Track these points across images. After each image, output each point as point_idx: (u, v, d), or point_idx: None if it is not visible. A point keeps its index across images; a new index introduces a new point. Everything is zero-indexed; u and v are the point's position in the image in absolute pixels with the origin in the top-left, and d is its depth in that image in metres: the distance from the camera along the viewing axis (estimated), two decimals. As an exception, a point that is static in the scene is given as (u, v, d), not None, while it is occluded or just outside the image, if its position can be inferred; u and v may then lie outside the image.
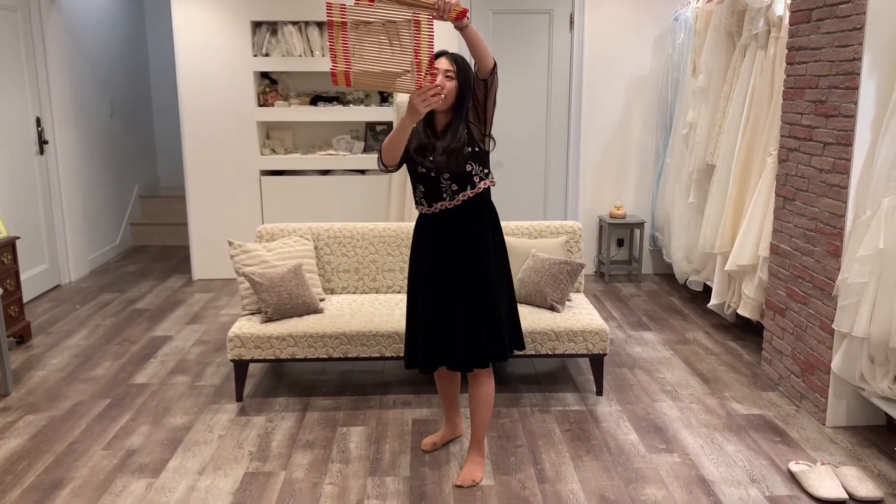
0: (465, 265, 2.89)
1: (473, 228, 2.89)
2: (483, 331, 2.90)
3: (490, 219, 2.95)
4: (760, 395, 3.82)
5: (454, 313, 2.90)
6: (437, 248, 2.92)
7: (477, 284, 2.89)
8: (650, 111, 6.02)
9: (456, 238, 2.89)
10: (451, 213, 2.88)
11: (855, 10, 3.18)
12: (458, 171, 2.82)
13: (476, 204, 2.89)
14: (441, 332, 2.93)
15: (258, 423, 3.53)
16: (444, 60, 2.80)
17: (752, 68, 4.37)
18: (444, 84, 2.75)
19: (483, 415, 3.04)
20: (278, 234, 4.16)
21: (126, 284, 5.98)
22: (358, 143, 6.10)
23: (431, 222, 2.93)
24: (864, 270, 3.08)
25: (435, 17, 2.64)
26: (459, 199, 2.86)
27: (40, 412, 3.65)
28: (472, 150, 2.84)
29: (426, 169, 2.85)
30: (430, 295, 2.94)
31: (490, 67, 2.75)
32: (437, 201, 2.88)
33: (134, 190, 7.50)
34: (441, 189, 2.86)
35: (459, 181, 2.84)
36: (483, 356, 2.93)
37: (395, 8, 2.64)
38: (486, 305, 2.90)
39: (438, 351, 2.95)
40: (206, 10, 5.77)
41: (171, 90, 6.46)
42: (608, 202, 6.13)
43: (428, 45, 2.66)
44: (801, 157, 3.64)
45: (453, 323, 2.90)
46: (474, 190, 2.87)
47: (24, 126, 5.55)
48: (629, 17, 5.87)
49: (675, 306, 5.34)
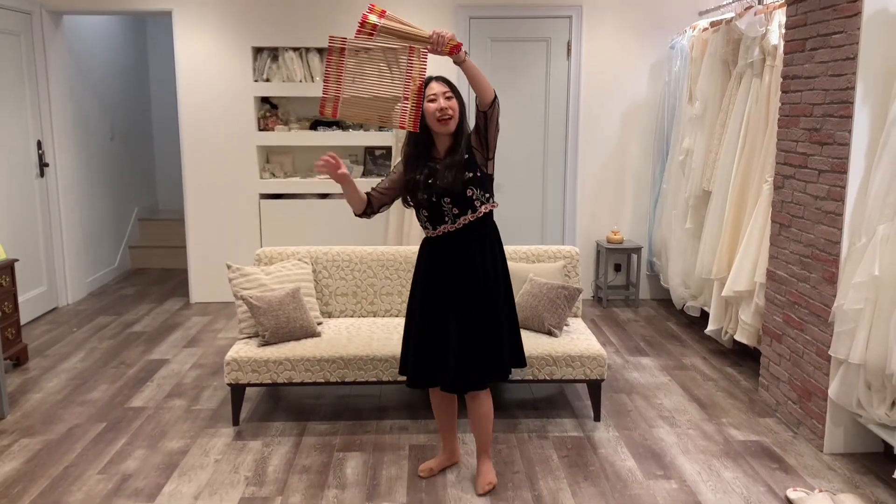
0: (464, 286, 2.93)
1: (474, 250, 2.93)
2: (480, 353, 2.93)
3: (492, 241, 2.99)
4: (758, 421, 3.81)
5: (449, 334, 2.93)
6: (437, 268, 2.98)
7: (476, 306, 2.92)
8: (647, 137, 6.06)
9: (456, 259, 2.94)
10: (453, 235, 2.93)
11: (848, 40, 3.23)
12: (457, 193, 2.87)
13: (478, 227, 2.93)
14: (435, 352, 2.96)
15: (255, 448, 3.51)
16: (436, 85, 2.87)
17: (747, 96, 4.42)
18: (451, 105, 2.84)
19: (486, 431, 3.11)
20: (277, 257, 4.17)
21: (124, 307, 5.98)
22: (357, 167, 6.13)
23: (435, 243, 2.99)
24: (860, 297, 3.09)
25: (430, 50, 2.73)
26: (460, 223, 2.91)
27: (35, 436, 3.64)
28: (474, 174, 2.89)
29: (427, 194, 2.90)
30: (426, 312, 3.00)
31: (490, 99, 2.82)
32: (440, 224, 2.94)
33: (133, 213, 7.52)
34: (443, 213, 2.91)
35: (460, 205, 2.89)
36: (480, 378, 2.96)
37: (393, 41, 2.73)
38: (485, 327, 2.93)
39: (432, 369, 2.99)
40: (208, 35, 5.83)
41: (171, 114, 6.50)
42: (605, 227, 6.16)
43: (420, 76, 2.75)
44: (797, 184, 3.67)
45: (448, 344, 2.93)
46: (475, 214, 2.91)
47: (25, 149, 5.58)
48: (626, 45, 5.94)
49: (672, 332, 5.34)
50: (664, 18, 5.89)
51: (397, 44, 2.74)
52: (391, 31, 2.73)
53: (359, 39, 2.73)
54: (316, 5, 5.81)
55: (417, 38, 2.74)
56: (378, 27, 2.72)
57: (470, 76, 2.77)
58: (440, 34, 2.70)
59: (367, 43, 2.74)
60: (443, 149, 2.93)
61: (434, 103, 2.84)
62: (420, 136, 2.91)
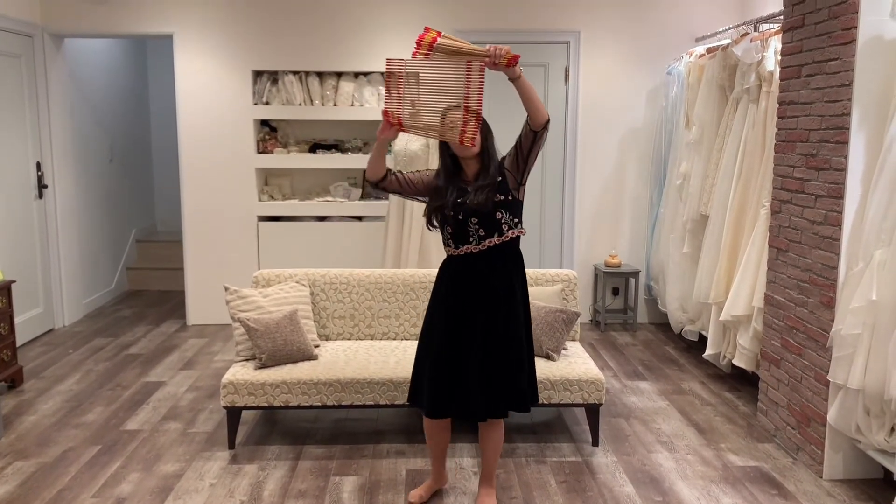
0: (486, 311, 2.90)
1: (497, 275, 2.91)
2: (502, 380, 2.90)
3: (517, 267, 2.96)
4: (757, 446, 3.79)
5: (470, 360, 2.89)
6: (459, 291, 2.94)
7: (498, 331, 2.89)
8: (644, 162, 6.10)
9: (478, 282, 2.91)
10: (476, 257, 2.90)
11: (843, 66, 3.26)
12: (486, 215, 2.85)
13: (503, 251, 2.91)
14: (455, 379, 2.90)
15: (250, 472, 3.48)
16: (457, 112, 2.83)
17: (744, 121, 4.45)
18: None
19: (495, 455, 3.11)
20: (274, 279, 4.17)
21: (120, 329, 5.95)
22: (355, 189, 6.15)
23: (457, 265, 2.95)
24: (858, 322, 3.09)
25: (487, 64, 2.71)
26: (485, 245, 2.89)
27: (30, 458, 3.61)
28: (506, 198, 2.88)
29: (454, 211, 2.87)
30: (446, 337, 2.93)
31: (544, 121, 2.82)
32: (463, 244, 2.91)
33: (131, 234, 7.52)
34: (468, 233, 2.89)
35: (487, 227, 2.87)
36: (503, 405, 2.94)
37: (450, 57, 2.73)
38: (512, 355, 2.91)
39: (452, 397, 2.92)
40: (209, 59, 5.88)
41: (171, 136, 6.53)
42: (603, 251, 6.17)
43: (478, 88, 2.74)
44: (794, 209, 3.68)
45: (470, 370, 2.89)
46: (502, 237, 2.89)
47: (24, 170, 5.59)
48: (623, 70, 5.99)
49: (670, 356, 5.33)
50: (661, 44, 5.94)
51: (454, 60, 2.74)
52: (447, 49, 2.73)
53: (416, 59, 2.74)
54: (316, 30, 5.86)
55: (474, 54, 2.73)
56: (435, 44, 2.71)
57: (523, 94, 2.77)
58: (497, 47, 2.69)
59: (424, 63, 2.74)
60: (471, 173, 2.93)
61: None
62: (448, 163, 2.92)
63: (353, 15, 5.87)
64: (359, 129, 6.20)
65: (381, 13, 5.88)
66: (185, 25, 5.84)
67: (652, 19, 5.93)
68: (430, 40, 2.72)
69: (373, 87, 5.96)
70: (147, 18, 5.82)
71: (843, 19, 3.25)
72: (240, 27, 5.86)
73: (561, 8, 5.90)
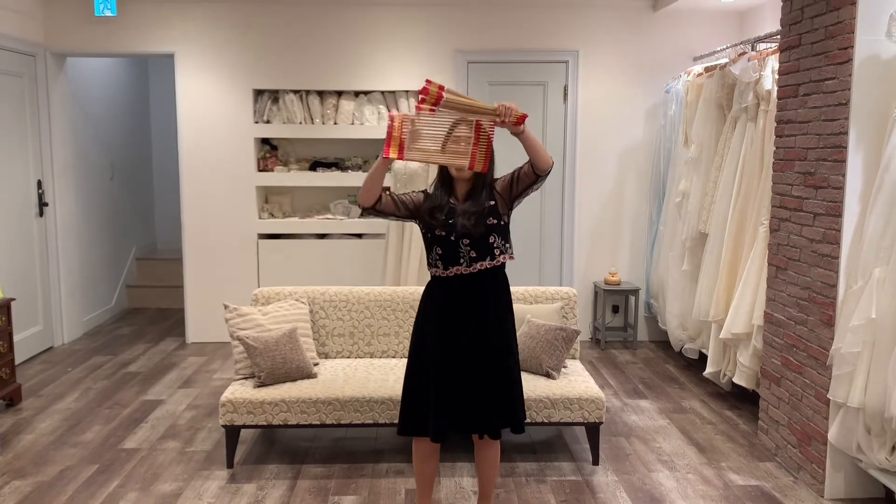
0: (481, 334, 2.89)
1: (486, 297, 2.90)
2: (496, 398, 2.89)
3: (502, 290, 2.95)
4: (758, 465, 3.78)
5: (464, 380, 2.88)
6: (452, 314, 2.91)
7: (495, 355, 2.88)
8: (643, 180, 6.12)
9: (468, 304, 2.89)
10: (465, 279, 2.88)
11: (840, 86, 3.28)
12: (479, 237, 2.84)
13: (491, 275, 2.90)
14: (453, 398, 2.89)
15: (249, 491, 3.46)
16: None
17: (742, 140, 4.47)
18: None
19: (493, 474, 3.08)
20: (274, 297, 4.16)
21: (119, 347, 5.94)
22: (355, 207, 6.17)
23: (447, 287, 2.92)
24: (858, 340, 3.09)
25: (496, 122, 2.68)
26: (476, 268, 2.87)
27: (27, 477, 3.59)
28: (498, 222, 2.88)
29: (446, 232, 2.86)
30: (440, 359, 2.91)
31: (548, 168, 2.82)
32: (453, 265, 2.89)
33: (131, 252, 7.53)
34: (459, 254, 2.87)
35: (479, 249, 2.86)
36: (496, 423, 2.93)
37: (457, 115, 2.69)
38: (498, 375, 2.89)
39: (451, 417, 2.90)
40: (210, 78, 5.91)
41: (171, 154, 6.56)
42: (603, 268, 6.17)
43: (487, 137, 2.72)
44: (793, 227, 3.69)
45: (466, 390, 2.88)
46: (493, 262, 2.88)
47: (25, 188, 5.61)
48: (622, 89, 6.02)
49: (670, 374, 5.32)
50: (659, 63, 5.98)
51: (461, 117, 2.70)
52: (454, 104, 2.67)
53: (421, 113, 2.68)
54: (316, 49, 5.91)
55: (481, 112, 2.69)
56: (441, 101, 2.64)
57: (529, 147, 2.77)
58: (506, 106, 2.66)
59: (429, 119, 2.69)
60: (461, 192, 2.91)
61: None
62: (444, 179, 2.92)
63: (353, 34, 5.91)
64: (359, 148, 6.23)
65: (381, 33, 5.92)
66: (186, 45, 5.88)
67: (650, 38, 5.97)
68: (435, 95, 2.62)
69: (373, 105, 6.00)
70: (148, 38, 5.87)
71: (840, 39, 3.28)
72: (241, 46, 5.90)
73: (559, 27, 5.95)
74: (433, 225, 2.88)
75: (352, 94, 6.03)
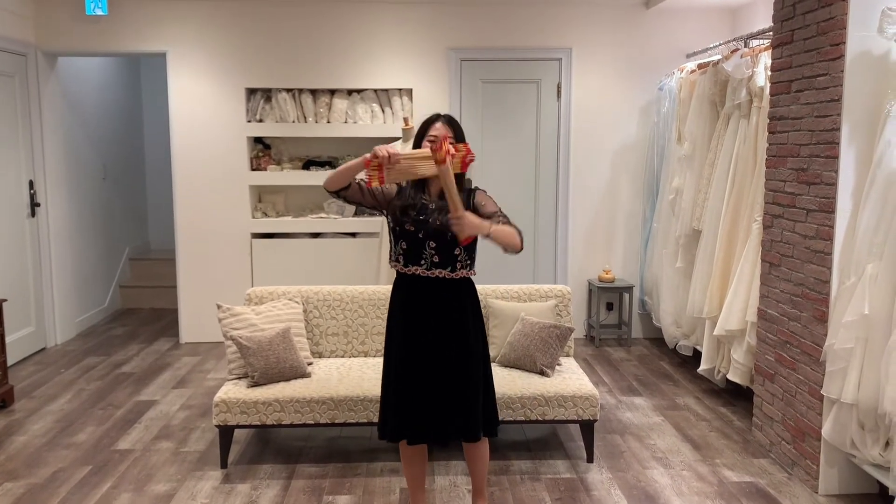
0: (441, 337, 2.86)
1: (445, 302, 2.87)
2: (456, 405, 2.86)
3: (469, 297, 2.92)
4: (752, 461, 3.78)
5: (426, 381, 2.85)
6: (414, 312, 2.89)
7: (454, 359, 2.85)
8: (637, 177, 6.12)
9: (434, 306, 2.87)
10: (423, 281, 2.86)
11: (832, 82, 3.28)
12: (445, 244, 2.81)
13: (454, 285, 2.88)
14: (413, 400, 2.87)
15: (243, 491, 3.45)
16: (440, 126, 2.83)
17: (735, 136, 4.47)
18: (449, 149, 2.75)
19: (482, 470, 3.07)
20: (267, 297, 4.15)
21: (113, 347, 5.92)
22: (349, 206, 6.15)
23: (407, 285, 2.90)
24: (850, 336, 3.09)
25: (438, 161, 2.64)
26: (434, 273, 2.85)
27: (19, 479, 3.57)
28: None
29: (415, 228, 2.84)
30: (405, 362, 2.89)
31: (519, 251, 2.86)
32: (413, 264, 2.86)
33: (124, 252, 7.50)
34: (422, 255, 2.85)
35: (442, 257, 2.84)
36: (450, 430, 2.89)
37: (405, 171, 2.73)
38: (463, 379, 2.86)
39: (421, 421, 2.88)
40: (202, 77, 5.89)
41: (164, 153, 6.54)
42: (597, 266, 6.17)
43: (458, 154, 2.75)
44: (786, 223, 3.69)
45: (425, 391, 2.85)
46: (452, 273, 2.86)
47: (16, 189, 5.58)
48: (615, 86, 6.02)
49: (665, 371, 5.32)
50: (652, 60, 5.98)
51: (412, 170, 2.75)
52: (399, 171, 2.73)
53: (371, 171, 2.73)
54: (309, 48, 5.89)
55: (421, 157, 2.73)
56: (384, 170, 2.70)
57: (499, 244, 2.78)
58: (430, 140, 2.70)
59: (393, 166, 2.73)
60: (434, 190, 2.89)
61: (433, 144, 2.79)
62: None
63: (346, 33, 5.90)
64: (352, 146, 6.21)
65: (374, 31, 5.91)
66: (179, 44, 5.86)
67: (643, 36, 5.97)
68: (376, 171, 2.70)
69: (366, 104, 5.98)
70: (140, 37, 5.84)
71: (832, 35, 3.28)
72: (233, 45, 5.88)
73: (553, 25, 5.94)
74: (403, 220, 2.86)
75: (345, 92, 6.01)
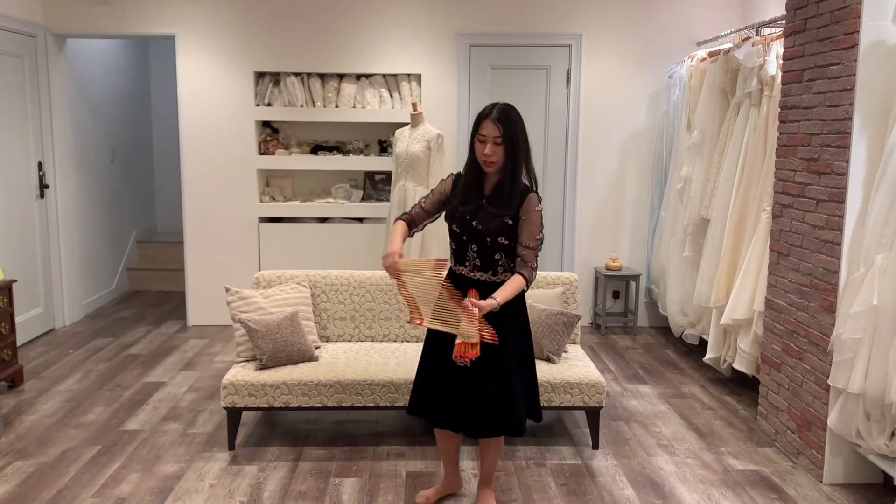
0: None
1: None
2: (494, 403, 2.88)
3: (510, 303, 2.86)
4: (757, 450, 3.79)
5: (453, 378, 2.87)
6: None
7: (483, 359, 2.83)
8: (645, 165, 6.10)
9: None
10: (471, 282, 2.88)
11: (845, 71, 3.26)
12: (486, 248, 2.83)
13: (495, 285, 2.86)
14: (449, 395, 2.90)
15: (250, 473, 3.48)
16: (489, 125, 2.79)
17: (745, 125, 4.45)
18: (495, 152, 2.78)
19: (494, 459, 3.10)
20: (275, 280, 4.17)
21: (120, 329, 5.95)
22: (357, 191, 6.16)
23: (455, 283, 2.89)
24: (859, 327, 3.09)
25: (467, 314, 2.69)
26: (477, 276, 2.88)
27: (29, 458, 3.61)
28: (510, 243, 2.85)
29: (460, 229, 2.88)
30: (430, 352, 2.99)
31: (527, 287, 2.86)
32: (460, 265, 2.93)
33: (132, 235, 7.52)
34: (466, 256, 2.90)
35: (484, 261, 2.87)
36: (493, 428, 2.93)
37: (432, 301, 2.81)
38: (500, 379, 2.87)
39: (449, 411, 2.93)
40: (211, 60, 5.88)
41: (172, 137, 6.53)
42: (604, 254, 6.17)
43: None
44: (795, 213, 3.68)
45: (463, 388, 2.87)
46: (494, 277, 2.88)
47: (25, 170, 5.59)
48: (625, 74, 5.99)
49: (671, 359, 5.33)
50: (663, 48, 5.95)
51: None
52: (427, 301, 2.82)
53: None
54: (318, 32, 5.87)
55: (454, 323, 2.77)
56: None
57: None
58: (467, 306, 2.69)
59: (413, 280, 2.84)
60: (489, 185, 2.89)
61: (483, 144, 2.79)
62: (472, 169, 2.89)
63: (355, 17, 5.88)
64: (360, 131, 6.21)
65: (383, 15, 5.89)
66: (188, 26, 5.85)
67: (653, 23, 5.94)
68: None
69: (374, 89, 5.97)
70: (149, 19, 5.83)
71: (845, 24, 3.26)
72: (242, 29, 5.87)
73: (563, 11, 5.91)
74: (452, 222, 2.92)
75: (353, 77, 6.00)
